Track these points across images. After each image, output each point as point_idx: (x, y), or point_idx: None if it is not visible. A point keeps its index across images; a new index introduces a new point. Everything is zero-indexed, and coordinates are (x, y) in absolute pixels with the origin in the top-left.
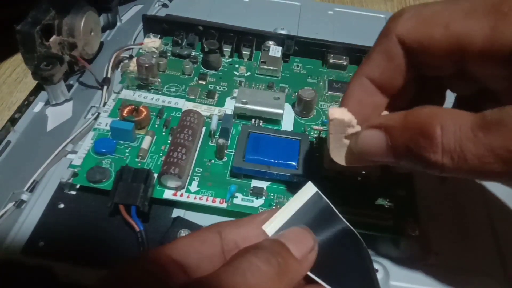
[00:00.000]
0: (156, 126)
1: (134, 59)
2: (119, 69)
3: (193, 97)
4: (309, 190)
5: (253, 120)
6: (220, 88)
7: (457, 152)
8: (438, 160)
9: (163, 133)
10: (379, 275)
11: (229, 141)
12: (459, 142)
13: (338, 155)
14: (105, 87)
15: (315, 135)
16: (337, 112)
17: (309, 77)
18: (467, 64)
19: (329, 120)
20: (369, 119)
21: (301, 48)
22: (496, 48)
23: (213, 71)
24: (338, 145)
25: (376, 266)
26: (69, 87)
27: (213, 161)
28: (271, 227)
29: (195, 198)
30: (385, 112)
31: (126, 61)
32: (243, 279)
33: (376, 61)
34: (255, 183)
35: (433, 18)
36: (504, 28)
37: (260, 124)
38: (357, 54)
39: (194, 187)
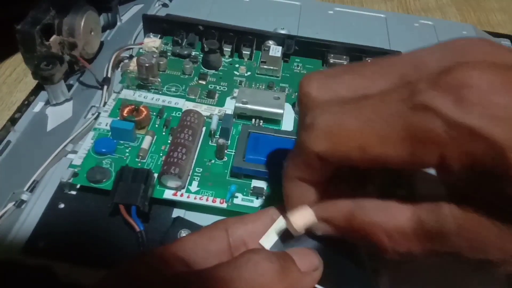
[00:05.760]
0: (156, 126)
1: (134, 59)
2: (119, 69)
3: (193, 97)
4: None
5: (253, 120)
6: (220, 88)
7: (406, 254)
8: (392, 257)
9: (163, 133)
10: (378, 276)
11: (229, 141)
12: (407, 249)
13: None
14: (105, 87)
15: None
16: (298, 218)
17: None
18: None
19: (294, 230)
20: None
21: (301, 48)
22: (417, 167)
23: (213, 71)
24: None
25: (375, 267)
26: (69, 87)
27: (213, 161)
28: (267, 241)
29: (195, 198)
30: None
31: (126, 61)
32: (238, 273)
33: (300, 169)
34: (255, 183)
35: (348, 140)
36: (422, 155)
37: (260, 124)
38: (357, 54)
39: (194, 187)
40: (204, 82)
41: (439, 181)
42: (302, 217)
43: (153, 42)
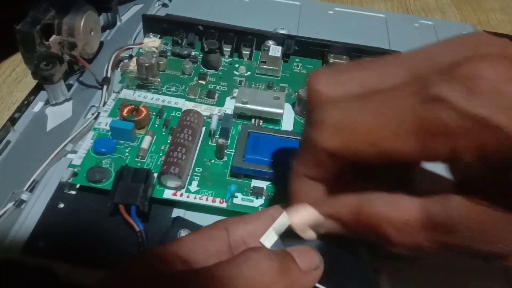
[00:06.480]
0: (156, 126)
1: (134, 59)
2: (119, 69)
3: (193, 97)
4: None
5: (253, 120)
6: (220, 88)
7: (414, 247)
8: (398, 252)
9: (163, 133)
10: (379, 275)
11: (229, 141)
12: (415, 242)
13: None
14: (105, 87)
15: None
16: (298, 216)
17: None
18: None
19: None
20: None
21: (301, 48)
22: (428, 161)
23: (213, 71)
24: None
25: (375, 266)
26: (69, 87)
27: (213, 161)
28: (268, 239)
29: (195, 198)
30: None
31: (126, 60)
32: (238, 271)
33: (309, 166)
34: (255, 183)
35: (360, 135)
36: (434, 148)
37: (260, 124)
38: (357, 54)
39: (194, 187)
40: (204, 82)
41: (440, 175)
42: (302, 217)
43: (153, 42)
